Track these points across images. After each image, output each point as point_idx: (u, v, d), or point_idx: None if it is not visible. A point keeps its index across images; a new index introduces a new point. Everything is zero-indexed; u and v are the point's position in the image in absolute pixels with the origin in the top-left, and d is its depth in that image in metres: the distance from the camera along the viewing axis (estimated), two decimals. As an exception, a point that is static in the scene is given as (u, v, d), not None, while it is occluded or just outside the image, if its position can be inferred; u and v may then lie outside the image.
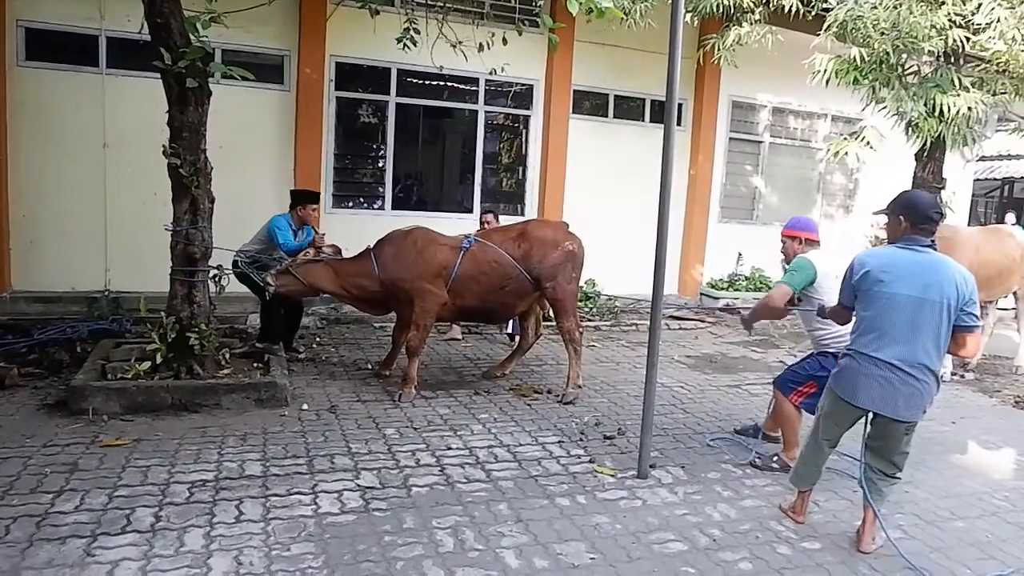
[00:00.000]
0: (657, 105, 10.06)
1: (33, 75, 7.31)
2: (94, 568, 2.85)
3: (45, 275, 7.52)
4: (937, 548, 3.50)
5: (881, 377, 3.20)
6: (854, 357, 3.31)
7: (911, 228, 3.26)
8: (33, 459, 3.85)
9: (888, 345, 3.19)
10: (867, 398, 3.26)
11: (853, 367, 3.30)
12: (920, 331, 3.16)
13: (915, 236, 3.25)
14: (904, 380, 3.17)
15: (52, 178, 7.45)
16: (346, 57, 8.47)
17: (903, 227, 3.30)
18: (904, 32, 6.63)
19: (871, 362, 3.22)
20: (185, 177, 4.93)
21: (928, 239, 3.26)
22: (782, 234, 4.48)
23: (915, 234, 3.26)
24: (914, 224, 3.26)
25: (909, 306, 3.15)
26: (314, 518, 3.38)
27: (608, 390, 5.91)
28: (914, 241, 3.25)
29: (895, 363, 3.17)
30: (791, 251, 4.41)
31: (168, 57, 4.67)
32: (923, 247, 3.24)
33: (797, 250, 4.37)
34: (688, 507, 3.77)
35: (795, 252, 4.38)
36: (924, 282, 3.15)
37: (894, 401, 3.20)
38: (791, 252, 4.40)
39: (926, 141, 7.20)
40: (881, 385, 3.21)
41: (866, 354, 3.24)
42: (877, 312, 3.22)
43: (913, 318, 3.16)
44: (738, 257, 10.71)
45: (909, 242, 3.26)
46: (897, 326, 3.17)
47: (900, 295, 3.16)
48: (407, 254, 5.42)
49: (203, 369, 5.05)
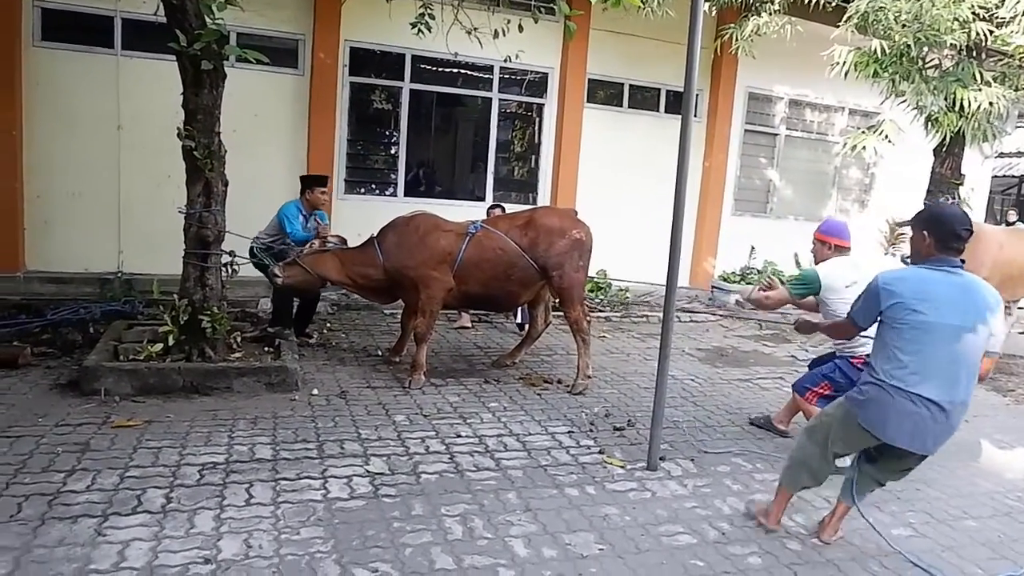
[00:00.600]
0: (672, 95, 9.98)
1: (48, 55, 7.32)
2: (105, 548, 2.87)
3: (59, 256, 7.55)
4: (949, 547, 3.47)
5: (916, 414, 2.91)
6: (886, 390, 2.95)
7: (936, 246, 2.97)
8: (45, 438, 3.88)
9: (927, 380, 2.89)
10: (896, 434, 2.98)
11: (884, 401, 2.95)
12: (960, 363, 2.90)
13: (942, 256, 2.97)
14: (938, 418, 2.91)
15: (66, 159, 7.47)
16: (360, 42, 8.44)
17: (927, 244, 3.00)
18: (926, 24, 6.55)
19: (906, 397, 2.91)
20: (199, 160, 4.93)
21: (958, 259, 2.98)
22: (814, 236, 4.54)
23: (942, 253, 2.97)
24: (940, 241, 2.97)
25: (950, 337, 2.88)
26: (323, 503, 3.39)
27: (618, 381, 5.89)
28: (944, 261, 2.96)
29: (934, 400, 2.88)
30: (819, 255, 4.47)
31: (183, 39, 4.65)
32: (954, 268, 2.96)
33: (825, 255, 4.42)
34: (698, 500, 3.76)
35: (823, 256, 4.43)
36: (964, 309, 2.89)
37: (923, 438, 2.96)
38: (819, 256, 4.46)
39: (945, 136, 7.12)
40: (914, 423, 2.92)
41: (902, 389, 2.91)
42: (914, 344, 2.90)
43: (954, 350, 2.88)
44: (751, 250, 10.64)
45: (939, 263, 2.96)
46: (937, 359, 2.89)
47: (941, 325, 2.86)
48: (410, 240, 5.41)
49: (214, 352, 5.07)
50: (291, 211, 6.01)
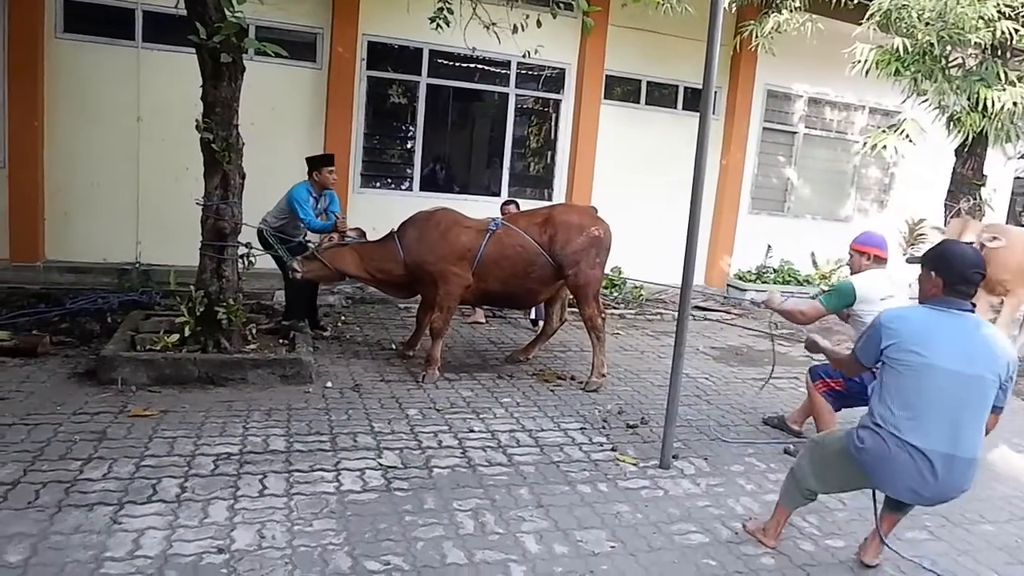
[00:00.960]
0: (690, 92, 9.92)
1: (70, 47, 7.39)
2: (120, 536, 2.90)
3: (77, 246, 7.63)
4: (965, 551, 3.44)
5: (914, 468, 2.71)
6: (882, 437, 2.76)
7: (944, 288, 2.79)
8: (63, 426, 3.92)
9: (925, 429, 2.70)
10: (893, 488, 2.83)
11: (881, 450, 2.76)
12: (964, 412, 2.70)
13: (950, 298, 2.79)
14: (939, 474, 2.70)
15: (86, 150, 7.54)
16: (378, 36, 8.45)
17: (934, 284, 2.83)
18: (950, 23, 6.45)
19: (903, 448, 2.72)
20: (217, 152, 4.95)
21: (968, 303, 2.80)
22: (851, 247, 4.47)
23: (950, 295, 2.79)
24: (948, 284, 2.78)
25: (951, 383, 2.68)
26: (336, 495, 3.40)
27: (632, 378, 5.87)
28: (950, 303, 2.79)
29: (933, 454, 2.68)
30: (857, 265, 4.41)
31: (203, 32, 4.67)
32: (962, 311, 2.78)
33: (864, 266, 4.37)
34: (710, 499, 3.74)
35: (860, 267, 4.39)
36: (968, 354, 2.70)
37: (919, 491, 2.78)
38: (856, 266, 4.41)
39: (968, 136, 7.03)
40: (913, 477, 2.73)
41: (900, 438, 2.72)
42: (912, 388, 2.73)
43: (956, 397, 2.69)
44: (767, 249, 10.57)
45: (944, 304, 2.80)
46: (936, 407, 2.70)
47: (941, 370, 2.68)
48: (431, 236, 5.40)
49: (230, 343, 5.10)
50: (302, 195, 5.92)
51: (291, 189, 6.00)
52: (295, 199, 5.90)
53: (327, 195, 6.18)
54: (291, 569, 2.77)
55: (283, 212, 6.03)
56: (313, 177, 6.06)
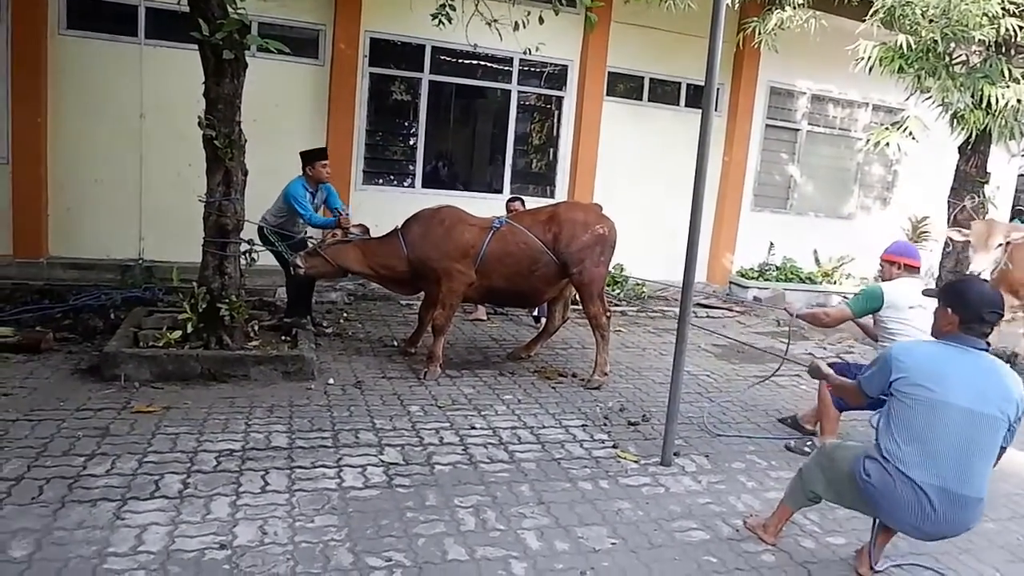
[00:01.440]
0: (693, 89, 9.89)
1: (74, 43, 7.39)
2: (123, 531, 2.91)
3: (81, 242, 7.64)
4: (966, 550, 3.43)
5: (917, 504, 2.69)
6: (890, 472, 2.73)
7: (960, 326, 2.77)
8: (66, 422, 3.94)
9: (932, 466, 2.66)
10: (896, 522, 2.82)
11: (886, 485, 2.74)
12: (973, 451, 2.67)
13: (965, 336, 2.76)
14: (943, 512, 2.68)
15: (90, 147, 7.55)
16: (381, 33, 8.44)
17: (950, 321, 2.80)
18: (954, 20, 6.43)
19: (909, 485, 2.69)
20: (220, 149, 4.96)
21: (982, 342, 2.77)
22: (882, 258, 4.51)
23: (965, 333, 2.77)
24: (964, 322, 2.76)
25: (961, 420, 2.65)
26: (338, 491, 3.42)
27: (633, 376, 5.88)
28: (964, 340, 2.76)
29: (940, 492, 2.66)
30: (888, 275, 4.44)
31: (206, 28, 4.67)
32: (976, 348, 2.76)
33: (894, 275, 4.39)
34: (711, 496, 3.75)
35: (891, 277, 4.41)
36: (979, 392, 2.67)
37: (925, 529, 2.77)
38: (887, 276, 4.44)
39: (971, 133, 7.01)
40: (915, 513, 2.71)
41: (905, 473, 2.69)
42: (920, 423, 2.69)
43: (966, 435, 2.65)
44: (770, 247, 10.55)
45: (958, 341, 2.77)
46: (945, 443, 2.66)
47: (950, 406, 2.65)
48: (435, 233, 5.40)
49: (232, 340, 5.11)
50: (299, 192, 5.87)
51: (287, 187, 5.96)
52: (292, 197, 5.86)
53: (323, 188, 6.17)
54: (293, 565, 2.78)
55: (282, 210, 6.02)
56: (307, 172, 6.01)
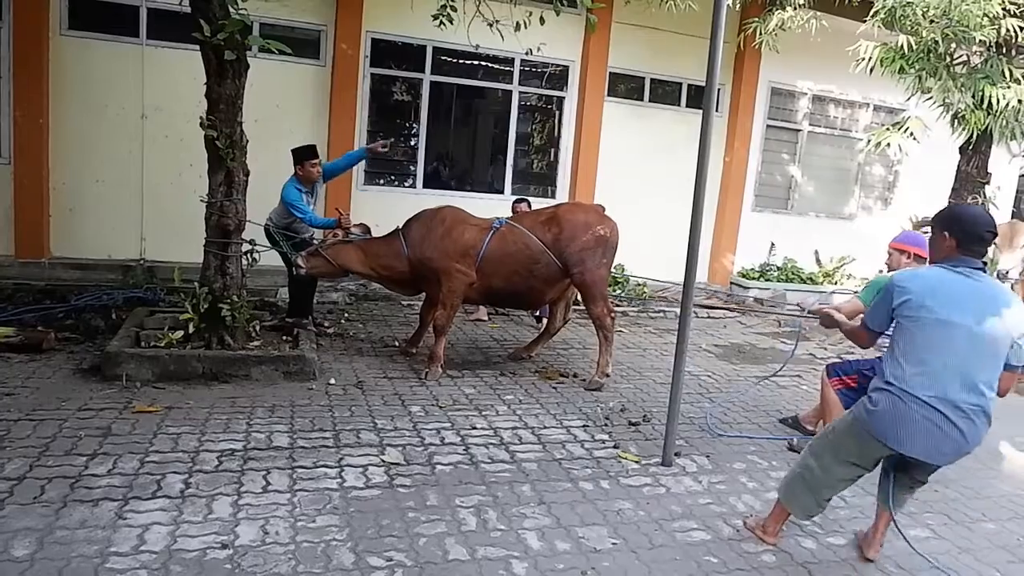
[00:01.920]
0: (694, 90, 9.89)
1: (75, 44, 7.40)
2: (125, 531, 2.92)
3: (82, 242, 7.65)
4: (966, 549, 3.44)
5: (928, 421, 2.76)
6: (896, 395, 2.81)
7: (958, 248, 2.87)
8: (68, 422, 3.95)
9: (938, 382, 2.75)
10: (911, 445, 2.82)
11: (895, 407, 2.81)
12: (975, 365, 2.76)
13: (964, 257, 2.86)
14: (955, 424, 2.75)
15: (91, 147, 7.56)
16: (382, 33, 8.45)
17: (947, 244, 2.90)
18: (955, 20, 6.43)
19: (917, 403, 2.76)
20: (221, 149, 4.97)
21: (979, 262, 2.88)
22: (890, 247, 4.53)
23: (964, 255, 2.86)
24: (962, 244, 2.86)
25: (962, 336, 2.75)
26: (339, 491, 3.42)
27: (634, 376, 5.88)
28: (963, 263, 2.85)
29: (947, 404, 2.74)
30: (896, 263, 4.44)
31: (207, 29, 4.68)
32: (974, 269, 2.85)
33: (903, 264, 4.39)
34: (712, 497, 3.75)
35: (900, 265, 4.40)
36: (979, 310, 2.76)
37: (940, 448, 2.81)
38: (896, 264, 4.44)
39: (972, 134, 7.01)
40: (928, 431, 2.77)
41: (911, 393, 2.77)
42: (923, 343, 2.79)
43: (967, 350, 2.75)
44: (771, 247, 10.56)
45: (957, 263, 2.86)
46: (948, 360, 2.75)
47: (952, 323, 2.75)
48: (436, 233, 5.41)
49: (234, 340, 5.12)
50: (294, 195, 5.83)
51: (283, 192, 5.90)
52: (289, 203, 5.83)
53: (318, 187, 6.15)
54: (294, 565, 2.79)
55: (286, 212, 6.04)
56: (298, 172, 5.96)
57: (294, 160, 6.02)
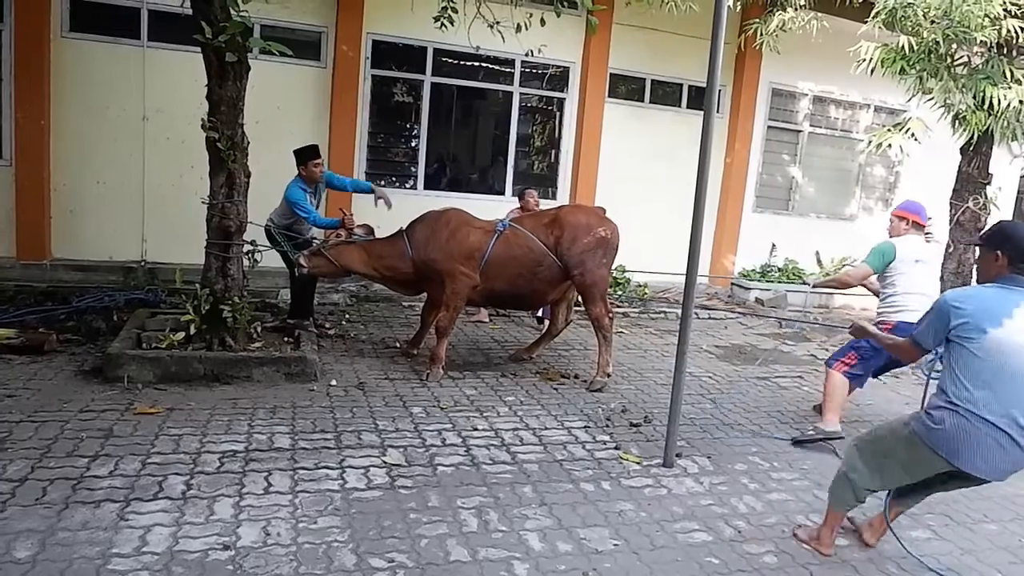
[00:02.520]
0: (695, 91, 9.90)
1: (76, 46, 7.41)
2: (127, 532, 2.92)
3: (84, 244, 7.66)
4: (968, 550, 3.44)
5: (994, 440, 2.77)
6: (962, 415, 2.80)
7: (1009, 266, 2.86)
8: (70, 423, 3.95)
9: (1004, 404, 2.76)
10: (972, 463, 2.81)
11: (961, 426, 2.80)
12: None
13: (1016, 276, 2.86)
14: (1018, 443, 2.77)
15: (92, 149, 7.57)
16: (383, 35, 8.46)
17: (999, 264, 2.89)
18: (956, 21, 6.43)
19: (984, 424, 2.77)
20: (222, 151, 4.97)
21: None
22: (893, 214, 4.96)
23: (1015, 272, 2.86)
24: (1013, 262, 2.85)
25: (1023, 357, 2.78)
26: (341, 493, 3.42)
27: (635, 377, 5.88)
28: (1015, 281, 2.86)
29: (1013, 425, 2.75)
30: (896, 230, 4.85)
31: (208, 31, 4.69)
32: None
33: (902, 231, 4.81)
34: (713, 498, 3.75)
35: (899, 232, 4.82)
36: None
37: (1001, 466, 2.82)
38: (896, 231, 4.85)
39: (973, 134, 7.00)
40: (992, 449, 2.78)
41: (977, 414, 2.77)
42: (985, 366, 2.79)
43: None
44: (772, 248, 10.56)
45: (1010, 282, 2.86)
46: (1010, 381, 2.77)
47: (1013, 344, 2.76)
48: (441, 235, 5.42)
49: (235, 341, 5.12)
50: (298, 195, 5.87)
51: (287, 191, 5.94)
52: (293, 202, 5.86)
53: (320, 187, 6.17)
54: (296, 566, 2.79)
55: (287, 212, 6.03)
56: (301, 172, 5.99)
57: (297, 161, 6.03)
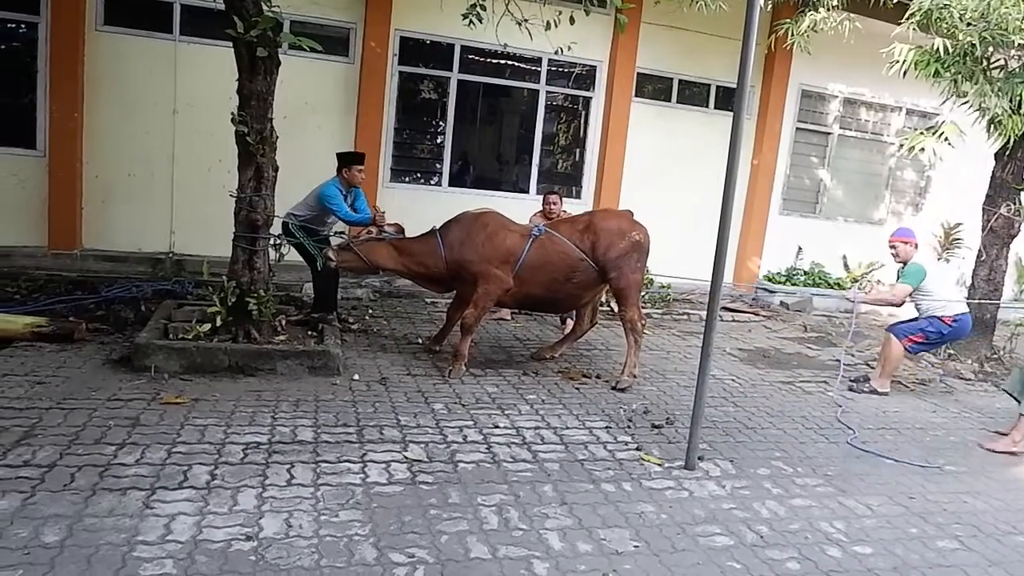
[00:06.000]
0: (723, 91, 9.82)
1: (110, 39, 7.53)
2: (152, 520, 2.95)
3: (114, 235, 7.79)
4: (996, 562, 3.37)
5: None
6: None
7: None
8: (98, 412, 4.01)
9: None
10: None
11: None
12: None
13: None
14: None
15: (124, 141, 7.68)
16: (411, 32, 8.49)
17: None
18: (993, 23, 6.31)
19: None
20: (251, 145, 5.02)
21: None
22: (897, 240, 5.84)
23: None
24: None
25: None
26: (362, 486, 3.44)
27: (657, 378, 5.84)
28: None
29: None
30: (905, 254, 5.77)
31: (240, 26, 4.73)
32: None
33: (911, 253, 5.74)
34: (736, 502, 3.71)
35: (909, 255, 5.75)
36: None
37: None
38: (905, 255, 5.77)
39: (1009, 139, 6.87)
40: None
41: None
42: None
43: None
44: (798, 251, 10.44)
45: None
46: None
47: None
48: (477, 237, 5.45)
49: (260, 334, 5.17)
50: (333, 193, 5.95)
51: (322, 187, 6.03)
52: (327, 198, 5.93)
53: (354, 192, 6.23)
54: (317, 558, 2.81)
55: (312, 207, 6.08)
56: (342, 174, 6.09)
57: (340, 163, 6.14)
